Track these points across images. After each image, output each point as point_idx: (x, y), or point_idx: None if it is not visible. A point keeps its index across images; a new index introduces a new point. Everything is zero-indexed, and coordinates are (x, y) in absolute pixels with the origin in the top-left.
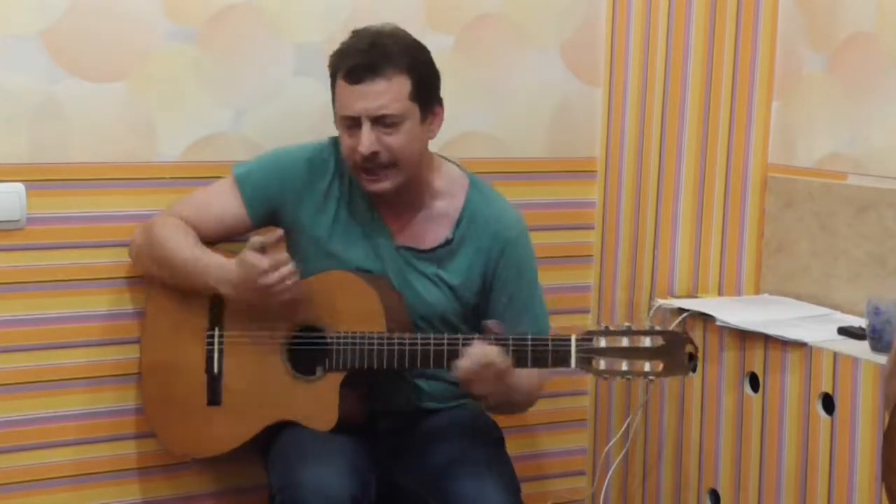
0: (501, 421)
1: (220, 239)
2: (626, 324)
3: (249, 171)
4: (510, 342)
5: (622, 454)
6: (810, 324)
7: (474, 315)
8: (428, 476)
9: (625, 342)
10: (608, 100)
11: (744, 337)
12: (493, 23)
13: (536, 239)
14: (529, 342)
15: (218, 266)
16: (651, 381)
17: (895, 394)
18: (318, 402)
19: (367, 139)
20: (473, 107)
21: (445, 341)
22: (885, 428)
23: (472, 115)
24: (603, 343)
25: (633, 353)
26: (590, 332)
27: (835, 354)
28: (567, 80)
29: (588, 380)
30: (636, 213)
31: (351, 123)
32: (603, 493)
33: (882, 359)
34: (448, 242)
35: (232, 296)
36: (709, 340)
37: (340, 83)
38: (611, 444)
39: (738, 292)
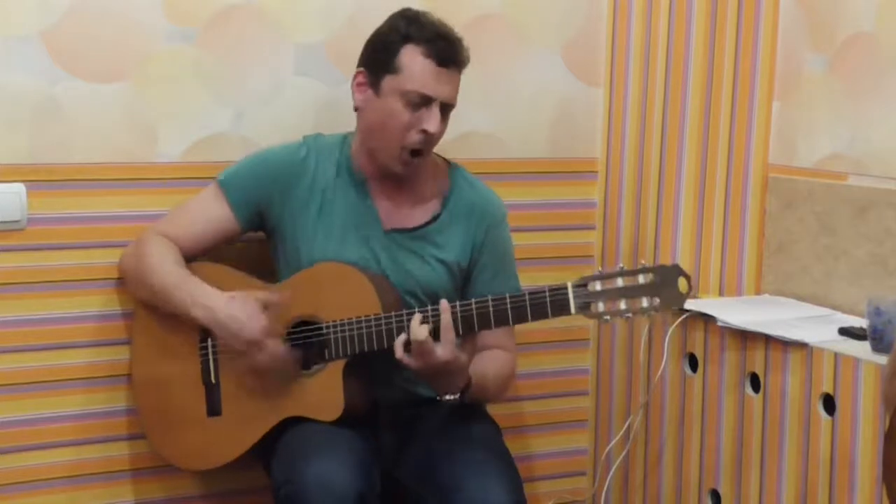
0: (502, 421)
1: (210, 247)
2: (620, 265)
3: (232, 174)
4: (508, 299)
5: (623, 454)
6: (811, 324)
7: (462, 293)
8: (428, 473)
9: (620, 282)
10: (609, 100)
11: (745, 337)
12: (493, 23)
13: (537, 239)
14: (527, 296)
15: (208, 296)
16: (651, 315)
17: None
18: (322, 393)
19: (437, 120)
20: (474, 107)
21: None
22: (885, 429)
23: (472, 116)
24: (598, 286)
25: (630, 291)
26: (584, 278)
27: (836, 355)
28: (568, 81)
29: (588, 380)
30: (637, 213)
31: (421, 101)
32: (604, 493)
33: (883, 359)
34: (436, 218)
35: (210, 325)
36: (710, 341)
37: (420, 59)
38: (612, 444)
39: (739, 293)
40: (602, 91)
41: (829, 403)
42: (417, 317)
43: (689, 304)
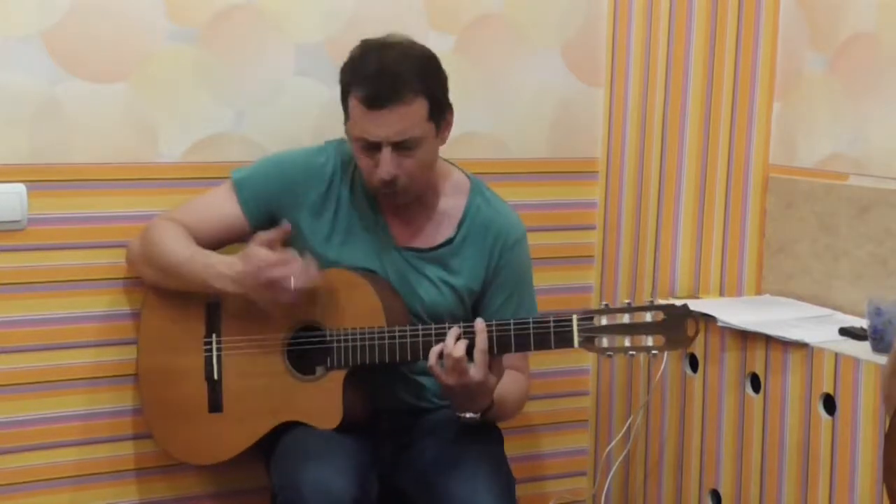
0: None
1: (218, 244)
2: (626, 301)
3: (248, 175)
4: (511, 325)
5: (623, 454)
6: (811, 324)
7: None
8: (420, 476)
9: (626, 319)
10: (609, 100)
11: (745, 337)
12: (494, 23)
13: (537, 239)
14: (531, 324)
15: (217, 263)
16: (654, 355)
17: None
18: (322, 401)
19: (388, 165)
20: (474, 107)
21: (448, 330)
22: (886, 429)
23: (472, 116)
24: (604, 321)
25: (635, 329)
26: (590, 311)
27: (836, 355)
28: (568, 81)
29: (589, 380)
30: (637, 213)
31: (368, 146)
32: (604, 493)
33: (883, 359)
34: (450, 241)
35: (231, 293)
36: (710, 341)
37: (356, 105)
38: (612, 444)
39: (740, 293)
40: (602, 91)
41: (830, 403)
42: (455, 331)
43: (690, 305)
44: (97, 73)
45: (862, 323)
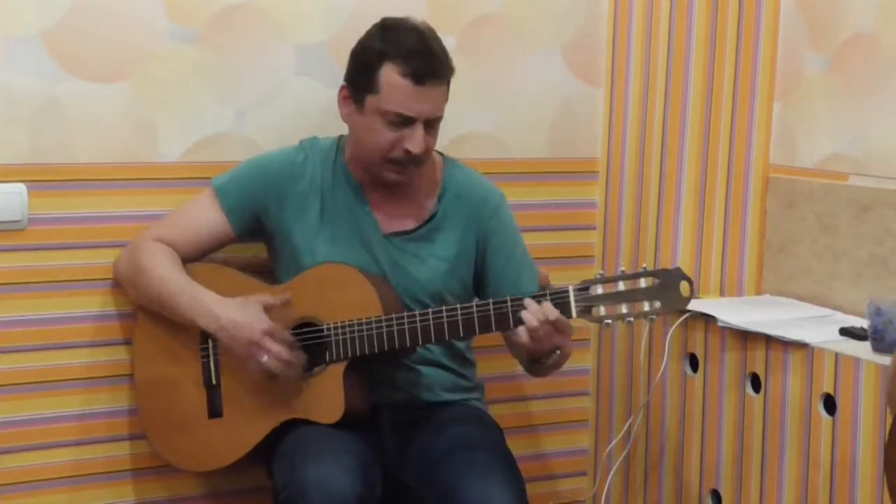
0: (503, 421)
1: (204, 253)
2: (621, 268)
3: (228, 180)
4: (509, 301)
5: (624, 454)
6: (812, 324)
7: (471, 290)
8: (426, 471)
9: (621, 286)
10: (609, 100)
11: (745, 337)
12: (494, 23)
13: (538, 239)
14: (528, 298)
15: (209, 301)
16: (652, 320)
17: None
18: (322, 395)
19: (423, 140)
20: (475, 107)
21: (444, 313)
22: (888, 428)
23: (473, 116)
24: (600, 290)
25: (631, 295)
26: (586, 282)
27: (836, 355)
28: (568, 81)
29: (589, 380)
30: (637, 213)
31: (401, 121)
32: (604, 493)
33: (883, 359)
34: (433, 217)
35: (213, 332)
36: (710, 341)
37: (397, 79)
38: (612, 444)
39: (740, 293)
40: (602, 91)
41: (830, 403)
42: (531, 300)
43: (690, 305)
44: (97, 73)
45: (862, 323)
